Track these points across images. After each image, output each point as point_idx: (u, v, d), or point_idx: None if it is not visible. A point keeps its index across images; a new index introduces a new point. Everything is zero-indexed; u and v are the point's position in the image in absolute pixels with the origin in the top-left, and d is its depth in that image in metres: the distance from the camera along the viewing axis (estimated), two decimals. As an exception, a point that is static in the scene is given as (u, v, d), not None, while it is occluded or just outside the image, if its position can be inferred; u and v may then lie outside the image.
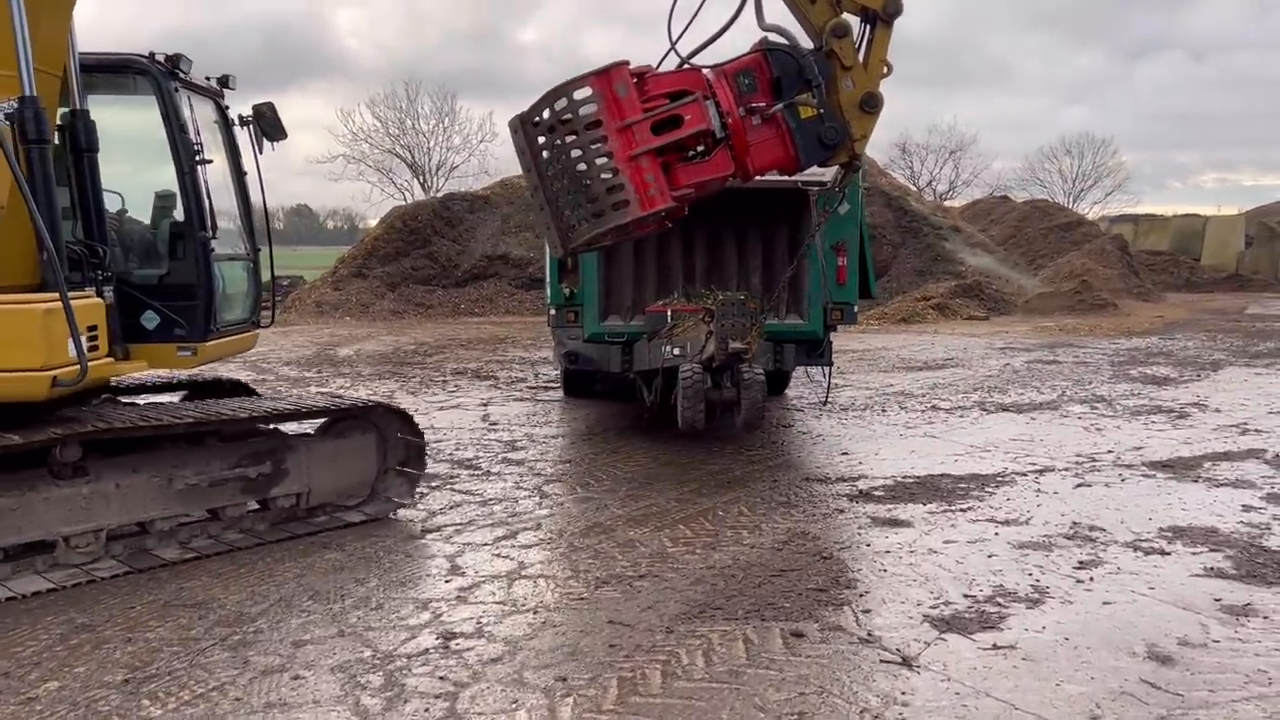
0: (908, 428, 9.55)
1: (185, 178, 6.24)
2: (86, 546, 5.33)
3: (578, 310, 8.51)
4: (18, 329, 4.79)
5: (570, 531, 6.03)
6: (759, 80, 5.77)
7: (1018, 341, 18.28)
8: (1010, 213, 36.45)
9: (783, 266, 8.64)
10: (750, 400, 7.27)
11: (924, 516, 6.34)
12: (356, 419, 6.40)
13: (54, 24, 5.39)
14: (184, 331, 6.15)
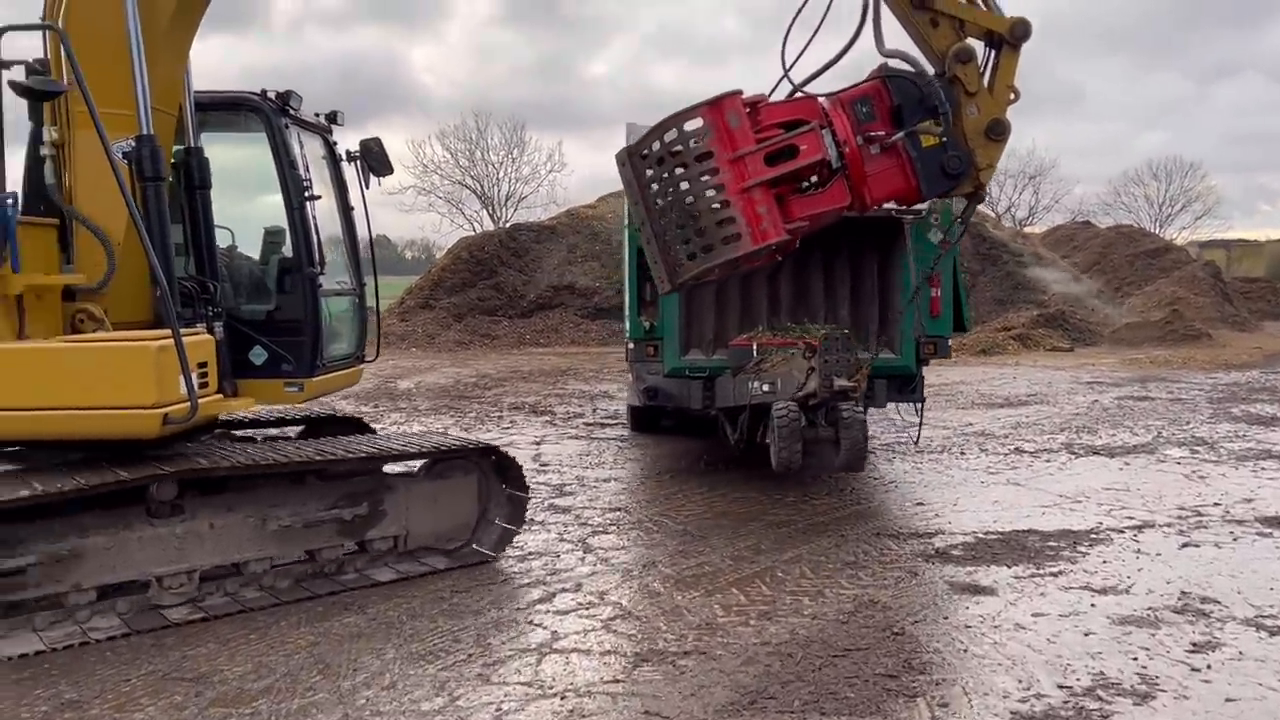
0: (989, 473, 8.81)
1: (295, 213, 6.31)
2: (180, 587, 5.20)
3: (657, 344, 8.18)
4: (130, 366, 4.77)
5: (613, 595, 5.49)
6: (877, 108, 5.56)
7: (1106, 375, 17.26)
8: (1094, 239, 35.01)
9: (872, 298, 8.21)
10: (851, 440, 6.73)
11: (1009, 582, 5.65)
12: (459, 460, 6.06)
13: (171, 64, 5.56)
14: (291, 367, 6.22)
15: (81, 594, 4.96)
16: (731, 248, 5.52)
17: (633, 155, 5.81)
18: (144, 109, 5.23)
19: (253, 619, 5.15)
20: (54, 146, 5.31)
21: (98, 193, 5.32)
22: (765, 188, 5.46)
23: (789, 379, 6.93)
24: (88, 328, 5.30)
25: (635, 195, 5.85)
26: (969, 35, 5.52)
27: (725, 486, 8.29)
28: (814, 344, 6.52)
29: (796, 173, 5.50)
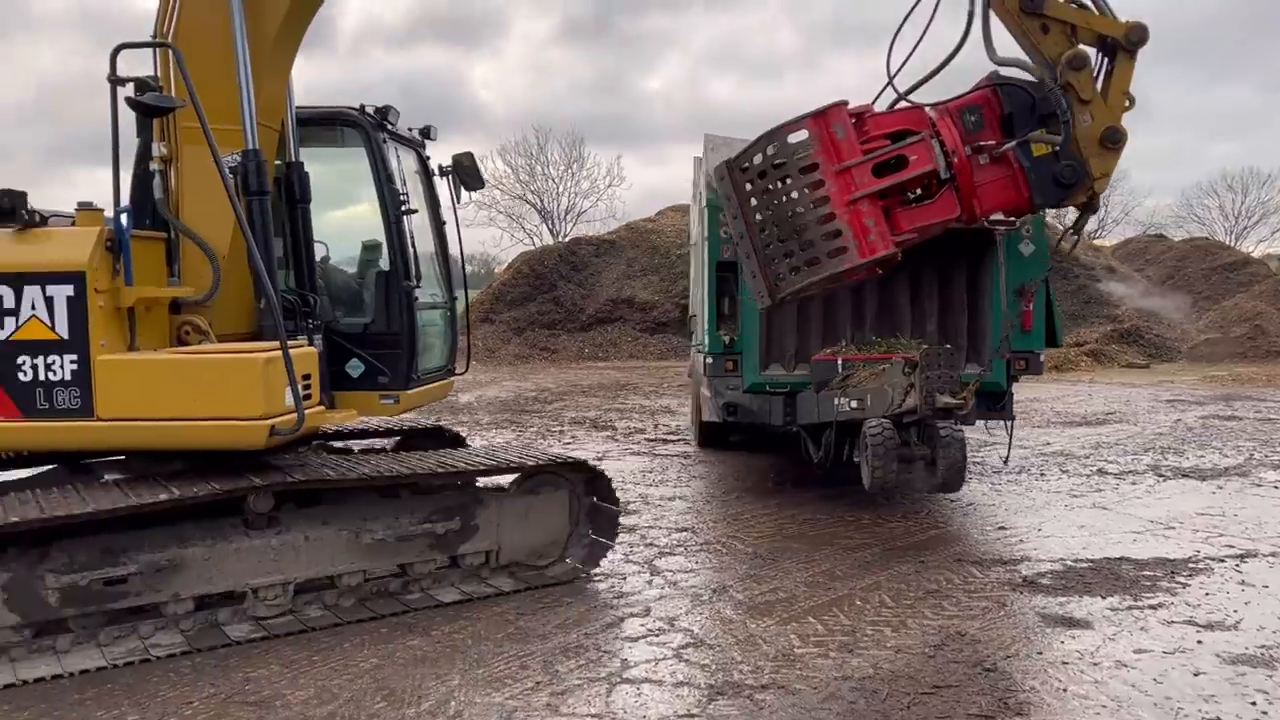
0: (1073, 496, 8.42)
1: (392, 227, 6.36)
2: (275, 599, 5.21)
3: (736, 359, 7.98)
4: (239, 378, 4.82)
5: (683, 622, 5.26)
6: (987, 117, 5.45)
7: (1186, 393, 16.62)
8: (1167, 252, 33.97)
9: (960, 312, 7.94)
10: (949, 460, 6.40)
11: (1105, 615, 5.31)
12: (549, 475, 5.97)
13: (275, 79, 5.64)
14: (387, 379, 6.27)
15: (180, 604, 5.00)
16: (838, 261, 5.42)
17: (733, 168, 5.75)
18: (250, 124, 5.30)
19: (316, 640, 5.02)
20: (162, 161, 5.38)
21: (204, 207, 5.41)
22: (873, 199, 5.36)
23: (881, 395, 6.65)
24: (193, 340, 5.39)
25: (735, 209, 5.78)
26: (1081, 41, 5.33)
27: (795, 507, 8.03)
28: (913, 359, 6.22)
29: (904, 184, 5.36)
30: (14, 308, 4.87)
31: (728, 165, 5.81)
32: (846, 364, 7.41)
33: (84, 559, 4.75)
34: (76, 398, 4.88)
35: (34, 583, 4.67)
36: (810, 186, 5.45)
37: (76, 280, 4.86)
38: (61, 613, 4.75)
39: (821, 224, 5.48)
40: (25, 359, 4.88)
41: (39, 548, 4.71)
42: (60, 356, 4.87)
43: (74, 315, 4.86)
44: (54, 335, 4.87)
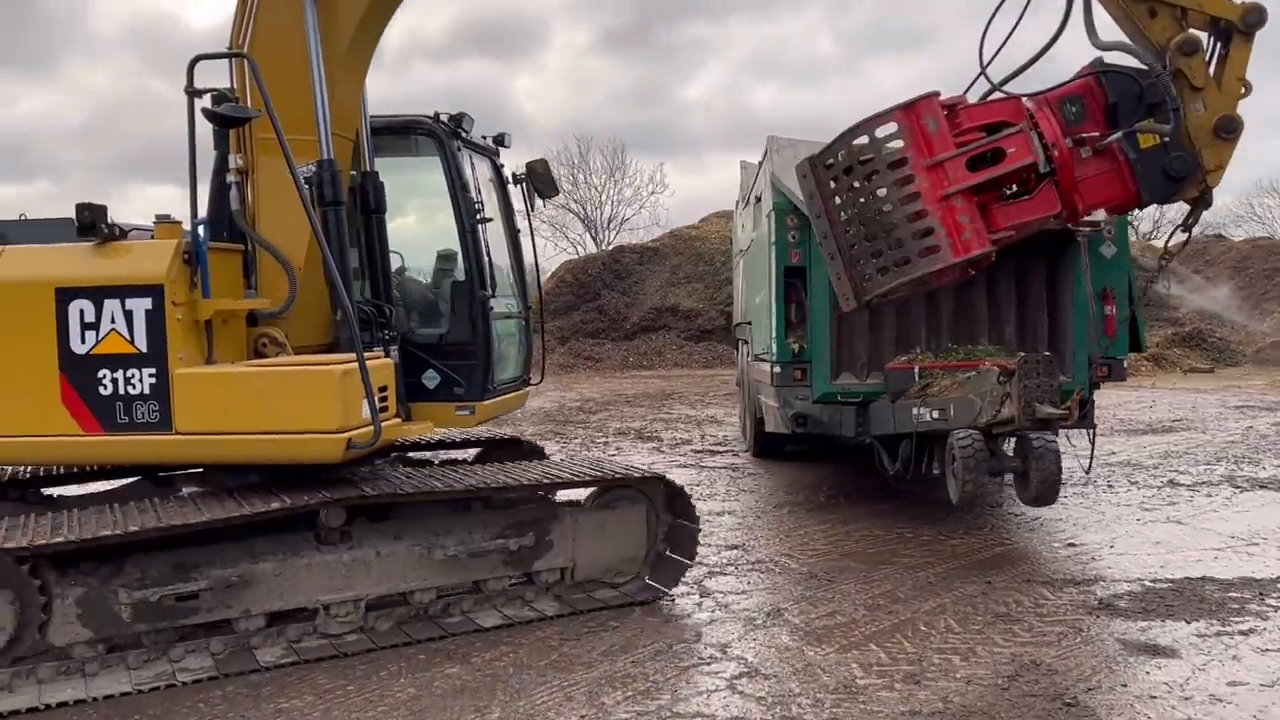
0: (1144, 509, 7.99)
1: (467, 237, 6.27)
2: (346, 615, 5.11)
3: (805, 368, 7.72)
4: (315, 391, 4.74)
5: (736, 649, 4.97)
6: (1089, 106, 5.16)
7: (1256, 399, 15.97)
8: (1228, 252, 32.98)
9: (1040, 317, 7.61)
10: (1044, 473, 6.07)
11: (1192, 641, 4.92)
12: (626, 490, 5.76)
13: (349, 89, 5.60)
14: (463, 390, 6.19)
15: (251, 620, 4.93)
16: (930, 260, 5.20)
17: (816, 165, 5.54)
18: (324, 134, 5.27)
19: (351, 668, 4.80)
20: (239, 173, 5.36)
21: (280, 218, 5.37)
22: (967, 195, 5.13)
23: (966, 405, 6.34)
24: (270, 352, 5.34)
25: (818, 208, 5.58)
26: (1191, 25, 5.02)
27: (850, 523, 7.69)
28: (1009, 367, 5.87)
29: (1000, 179, 5.11)
30: (94, 321, 4.84)
31: (811, 163, 5.60)
32: (924, 372, 7.16)
33: (156, 574, 4.71)
34: (155, 411, 4.84)
35: (107, 597, 4.62)
36: (899, 182, 5.24)
37: (155, 293, 4.82)
38: (134, 628, 4.71)
39: (911, 221, 5.26)
40: (105, 372, 4.84)
41: (114, 562, 4.67)
42: (139, 370, 4.84)
43: (153, 328, 4.82)
44: (133, 349, 4.84)
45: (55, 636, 4.56)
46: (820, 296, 7.61)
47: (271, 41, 5.32)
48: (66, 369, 4.85)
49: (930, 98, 5.26)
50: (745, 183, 13.34)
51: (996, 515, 7.90)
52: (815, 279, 7.67)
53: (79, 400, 4.86)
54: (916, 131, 5.21)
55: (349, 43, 5.48)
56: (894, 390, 7.25)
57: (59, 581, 4.58)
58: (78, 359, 4.85)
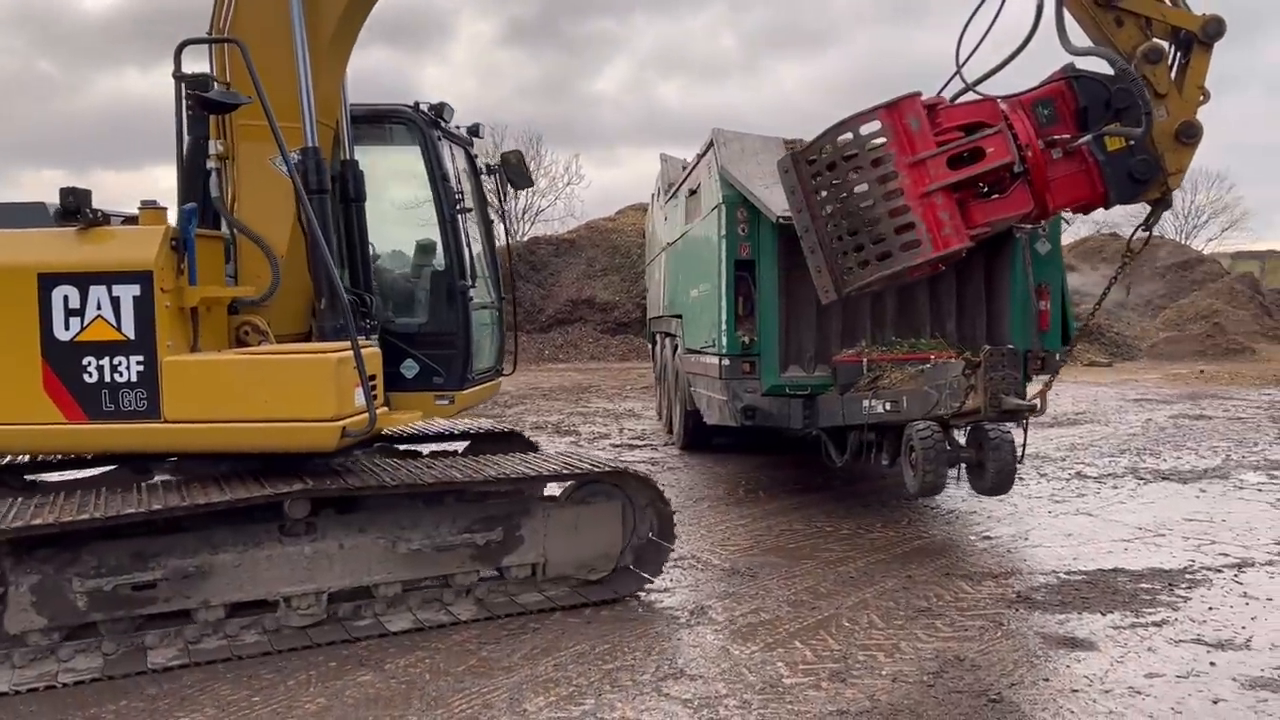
0: (1055, 502, 8.15)
1: (447, 226, 6.26)
2: (308, 608, 5.00)
3: (754, 361, 7.74)
4: (310, 379, 4.72)
5: (660, 649, 4.86)
6: (1060, 110, 5.36)
7: (1153, 392, 16.56)
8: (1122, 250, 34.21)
9: (979, 312, 7.89)
10: (1000, 463, 6.15)
11: (1109, 634, 4.99)
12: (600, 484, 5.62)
13: (331, 77, 5.58)
14: (442, 380, 6.19)
15: (210, 610, 4.85)
16: (910, 255, 5.35)
17: (798, 161, 5.67)
18: (309, 121, 5.21)
19: (258, 677, 4.55)
20: (219, 160, 5.29)
21: (261, 205, 5.35)
22: (947, 192, 5.29)
23: (919, 397, 6.42)
24: (253, 340, 5.30)
25: (800, 202, 5.69)
26: (1155, 34, 5.23)
27: (770, 517, 7.67)
28: (974, 360, 5.97)
29: (978, 177, 5.30)
30: (79, 308, 4.75)
31: (793, 158, 5.71)
32: (872, 365, 7.25)
33: (114, 562, 4.65)
34: (143, 399, 4.78)
35: (62, 585, 4.56)
36: (882, 179, 5.38)
37: (143, 280, 4.74)
38: (89, 616, 4.64)
39: (893, 216, 5.38)
40: (91, 360, 4.76)
41: (71, 550, 4.60)
42: (126, 357, 4.77)
43: (140, 315, 4.75)
44: (120, 336, 4.76)
45: (10, 624, 4.51)
46: (769, 290, 7.70)
47: (253, 28, 5.23)
48: (49, 356, 4.75)
49: (913, 98, 5.38)
50: (667, 175, 13.21)
51: (912, 508, 7.97)
52: (764, 272, 7.75)
53: (62, 388, 4.77)
54: (899, 130, 5.33)
55: (332, 30, 5.43)
56: (843, 383, 7.34)
57: (14, 569, 4.51)
58: (61, 346, 4.75)
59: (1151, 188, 5.43)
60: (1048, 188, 5.38)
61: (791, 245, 7.67)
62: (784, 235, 7.54)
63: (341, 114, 5.80)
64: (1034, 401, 5.89)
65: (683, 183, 10.95)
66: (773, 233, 7.64)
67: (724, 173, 8.04)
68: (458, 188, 6.39)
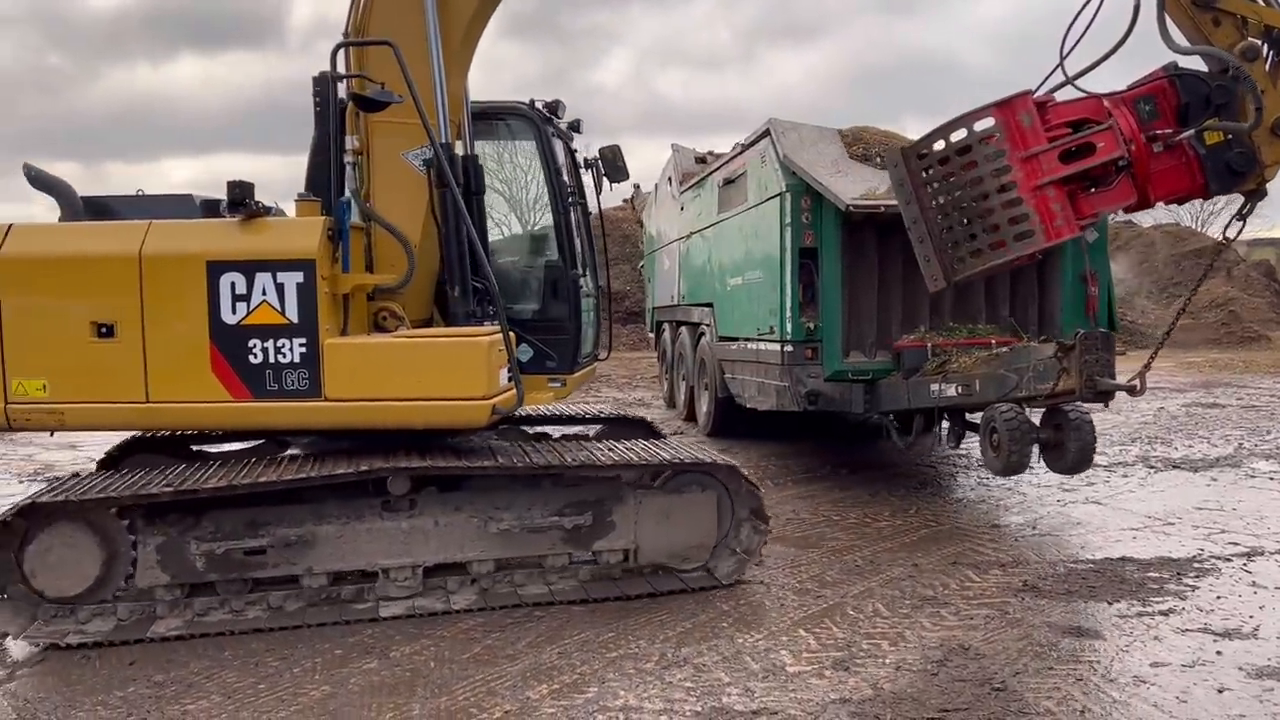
0: (1064, 490, 8.11)
1: (560, 218, 6.64)
2: (405, 580, 5.29)
3: (816, 347, 7.98)
4: (464, 360, 5.06)
5: (663, 636, 4.86)
6: (1162, 106, 5.61)
7: (1165, 380, 16.45)
8: (1136, 238, 33.98)
9: (1031, 298, 8.22)
10: (1081, 442, 6.32)
11: (1115, 622, 4.97)
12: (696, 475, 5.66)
13: (458, 76, 5.83)
14: (554, 364, 6.55)
15: (314, 578, 5.22)
16: (1024, 245, 5.68)
17: (908, 155, 6.07)
18: (443, 119, 5.46)
19: (264, 664, 4.58)
20: (355, 154, 5.52)
21: (394, 197, 5.63)
22: (1059, 185, 5.57)
23: (993, 380, 6.58)
24: (391, 325, 5.56)
25: (908, 194, 6.08)
26: (1250, 33, 5.43)
27: (778, 506, 7.64)
28: (1066, 344, 6.13)
29: (1088, 171, 5.58)
30: (245, 293, 5.06)
31: (903, 152, 6.10)
32: (937, 350, 7.46)
33: (229, 528, 5.09)
34: (305, 379, 5.08)
35: (183, 547, 5.04)
36: (996, 172, 5.68)
37: (307, 268, 5.05)
38: (207, 576, 5.11)
39: (1007, 208, 5.69)
40: (255, 342, 5.07)
41: (194, 516, 5.07)
42: (290, 340, 5.07)
43: (304, 300, 5.06)
44: (284, 319, 5.07)
45: (140, 579, 5.04)
46: (831, 277, 7.92)
47: (387, 29, 5.48)
48: (216, 338, 5.08)
49: (1025, 96, 5.65)
50: (679, 165, 13.22)
51: (920, 497, 7.95)
52: (826, 259, 7.94)
53: (228, 368, 5.09)
54: (1012, 126, 5.61)
55: (464, 29, 5.70)
56: (908, 367, 7.54)
57: (144, 530, 5.02)
58: (228, 329, 5.07)
59: (1249, 179, 5.64)
60: (1149, 180, 5.62)
61: (854, 233, 8.01)
62: (847, 223, 7.85)
63: (464, 111, 6.00)
64: (1134, 382, 5.96)
65: (712, 172, 10.99)
66: (835, 220, 7.87)
67: (787, 161, 8.17)
68: (571, 182, 6.75)
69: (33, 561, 4.95)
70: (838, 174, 8.09)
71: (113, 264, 5.11)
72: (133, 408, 5.14)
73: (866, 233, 8.00)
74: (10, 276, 5.13)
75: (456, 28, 5.67)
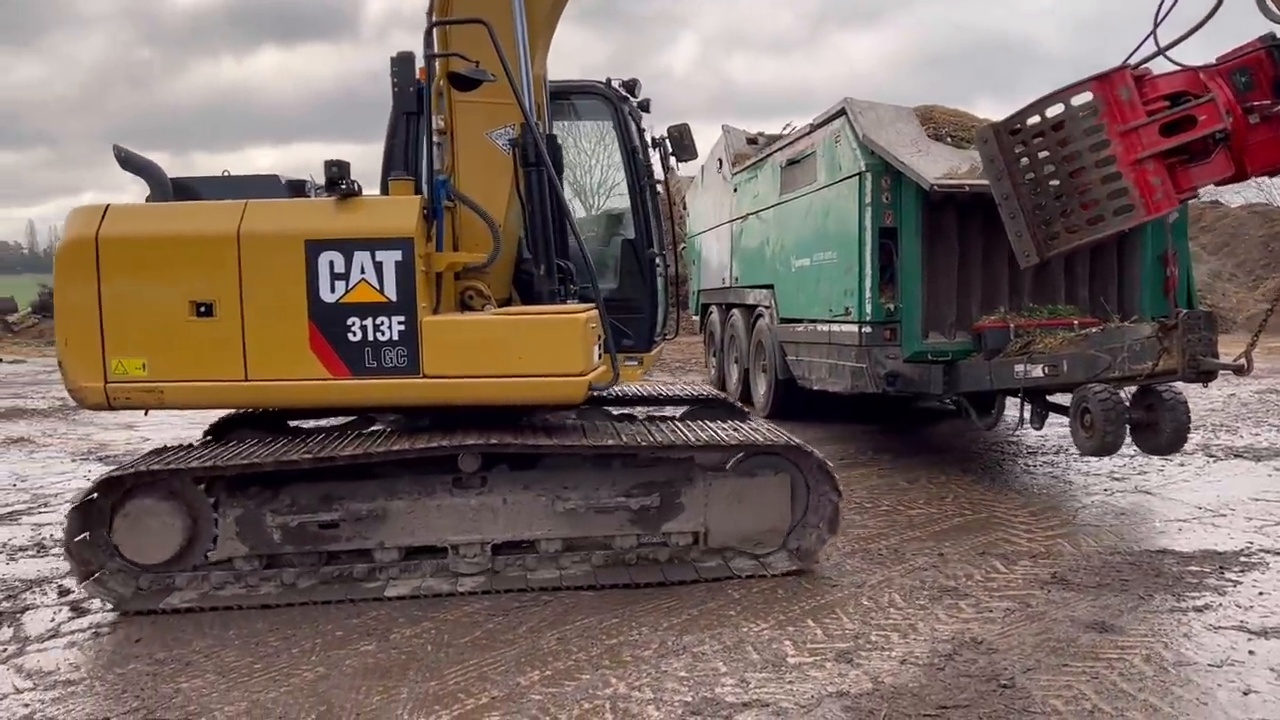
0: (1114, 479, 7.77)
1: (638, 197, 6.70)
2: (474, 557, 5.36)
3: (895, 328, 7.96)
4: (561, 337, 5.07)
5: (666, 624, 4.75)
6: (1258, 78, 5.49)
7: (1242, 365, 15.69)
8: (1223, 219, 32.54)
9: (1111, 278, 8.21)
10: (1176, 422, 6.27)
11: (1143, 618, 4.71)
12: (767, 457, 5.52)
13: (541, 56, 5.88)
14: (631, 343, 6.58)
15: (385, 553, 5.33)
16: (1123, 219, 5.73)
17: (1000, 132, 6.12)
18: (528, 99, 5.46)
19: (265, 644, 4.60)
20: (439, 134, 5.53)
21: (479, 178, 5.64)
22: (1159, 159, 5.57)
23: (1082, 360, 6.54)
24: (477, 304, 5.61)
25: (998, 171, 6.13)
26: None
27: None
28: (1167, 324, 6.03)
29: (1189, 144, 5.55)
30: (344, 272, 5.10)
31: (994, 129, 6.15)
32: (1019, 330, 7.44)
33: (304, 502, 5.23)
34: (404, 356, 5.13)
35: (261, 519, 5.20)
36: (1094, 147, 5.70)
37: (405, 246, 5.10)
38: (283, 549, 5.25)
39: (1105, 183, 5.71)
40: (354, 320, 5.11)
41: (272, 489, 5.23)
42: (389, 318, 5.11)
43: (402, 279, 5.09)
44: (382, 298, 5.10)
45: (221, 550, 5.22)
46: (911, 257, 7.85)
47: (473, 6, 5.49)
48: (315, 317, 5.12)
49: (1123, 70, 5.63)
50: (731, 146, 13.06)
51: (960, 484, 7.69)
52: (906, 240, 7.86)
53: (327, 346, 5.14)
54: (1111, 100, 5.62)
55: (547, 9, 5.74)
56: (991, 348, 7.48)
57: (226, 502, 5.21)
58: (327, 307, 5.11)
59: None
60: (1246, 152, 5.52)
61: (934, 212, 7.92)
62: (927, 203, 7.74)
63: (544, 90, 6.01)
64: (1240, 361, 5.80)
65: (772, 153, 10.86)
66: (915, 200, 7.77)
67: (867, 141, 8.06)
68: (647, 161, 6.76)
69: (120, 531, 5.13)
70: (918, 153, 8.00)
71: (211, 243, 5.15)
72: (231, 386, 5.19)
73: (946, 213, 7.90)
74: (109, 257, 5.16)
75: (539, 7, 5.68)
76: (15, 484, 8.64)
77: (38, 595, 5.45)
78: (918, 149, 8.09)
